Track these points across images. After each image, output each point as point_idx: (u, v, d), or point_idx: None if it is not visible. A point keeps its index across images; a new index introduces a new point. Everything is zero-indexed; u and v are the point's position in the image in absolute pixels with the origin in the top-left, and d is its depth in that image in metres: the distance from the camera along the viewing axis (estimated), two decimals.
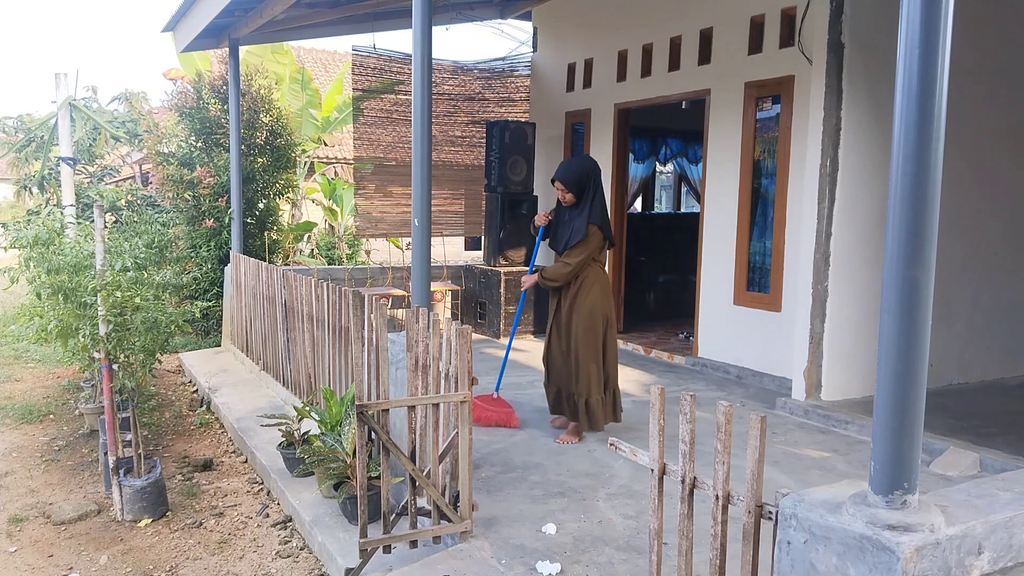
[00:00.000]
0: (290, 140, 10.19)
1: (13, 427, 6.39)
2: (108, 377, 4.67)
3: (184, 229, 9.41)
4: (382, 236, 9.31)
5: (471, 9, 8.92)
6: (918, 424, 1.86)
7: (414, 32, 4.17)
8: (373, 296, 3.94)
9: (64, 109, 7.82)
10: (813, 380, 5.39)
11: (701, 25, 6.87)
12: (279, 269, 6.37)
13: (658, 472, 2.33)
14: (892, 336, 1.84)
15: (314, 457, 4.12)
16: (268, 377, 6.79)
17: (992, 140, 5.97)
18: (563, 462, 4.40)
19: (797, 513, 1.93)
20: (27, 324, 4.88)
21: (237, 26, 7.62)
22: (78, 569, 4.05)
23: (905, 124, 1.79)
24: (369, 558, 3.26)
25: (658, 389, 2.31)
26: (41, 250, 4.69)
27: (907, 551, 1.71)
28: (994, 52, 5.84)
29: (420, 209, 4.23)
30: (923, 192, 1.79)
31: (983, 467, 4.32)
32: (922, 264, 1.80)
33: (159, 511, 4.63)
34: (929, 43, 1.75)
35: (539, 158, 8.79)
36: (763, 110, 6.35)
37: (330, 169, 15.46)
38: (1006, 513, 1.92)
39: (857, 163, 5.30)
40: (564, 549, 3.30)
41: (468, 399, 3.30)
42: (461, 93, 9.05)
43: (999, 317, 6.22)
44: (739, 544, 2.13)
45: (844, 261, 5.35)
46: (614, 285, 8.11)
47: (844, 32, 5.15)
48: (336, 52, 18.89)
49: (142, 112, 13.90)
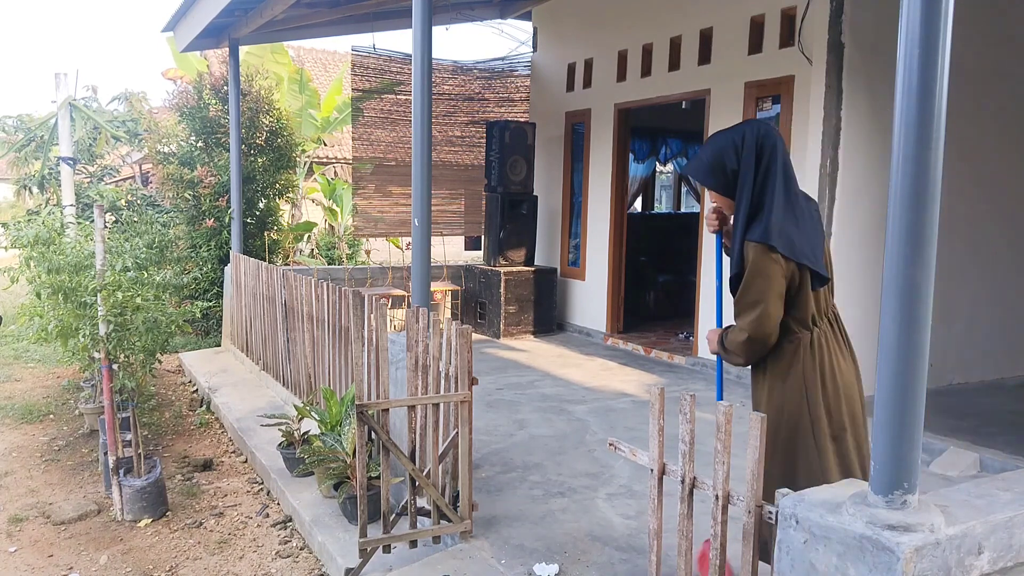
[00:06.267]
0: (290, 140, 10.20)
1: (13, 427, 6.39)
2: (108, 377, 4.67)
3: (184, 229, 9.41)
4: (381, 236, 9.31)
5: (471, 9, 8.92)
6: (918, 424, 1.85)
7: (414, 32, 4.17)
8: (373, 296, 3.94)
9: (64, 109, 7.82)
10: None
11: (701, 25, 6.87)
12: (279, 269, 6.36)
13: (658, 472, 2.33)
14: (892, 336, 1.84)
15: (314, 457, 4.12)
16: (268, 377, 6.78)
17: (990, 141, 5.96)
18: (563, 462, 4.40)
19: (797, 513, 1.93)
20: (27, 324, 4.88)
21: (237, 26, 7.62)
22: (78, 569, 4.05)
23: (905, 124, 1.79)
24: (369, 558, 3.26)
25: (658, 389, 2.31)
26: (41, 250, 4.69)
27: (907, 551, 1.71)
28: (992, 53, 5.84)
29: (420, 209, 4.23)
30: (923, 192, 1.78)
31: (983, 467, 4.32)
32: (922, 264, 1.80)
33: (159, 511, 4.63)
34: (929, 43, 1.75)
35: (539, 158, 8.79)
36: (763, 110, 6.35)
37: (330, 169, 15.46)
38: (1006, 513, 1.92)
39: (857, 163, 5.30)
40: (564, 549, 3.30)
41: (468, 399, 3.30)
42: (461, 93, 9.05)
43: (999, 317, 6.22)
44: (739, 544, 2.13)
45: (844, 261, 5.35)
46: (613, 285, 8.12)
47: (844, 32, 5.15)
48: (336, 52, 18.89)
49: (142, 112, 13.90)
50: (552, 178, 9.02)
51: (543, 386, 6.17)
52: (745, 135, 2.46)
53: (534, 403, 5.63)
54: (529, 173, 8.39)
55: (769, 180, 2.43)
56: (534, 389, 6.04)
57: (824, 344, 2.49)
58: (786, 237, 2.39)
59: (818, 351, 2.48)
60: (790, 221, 2.41)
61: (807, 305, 2.47)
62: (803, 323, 2.49)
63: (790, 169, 2.48)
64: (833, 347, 2.51)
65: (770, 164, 2.44)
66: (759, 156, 2.44)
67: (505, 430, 4.99)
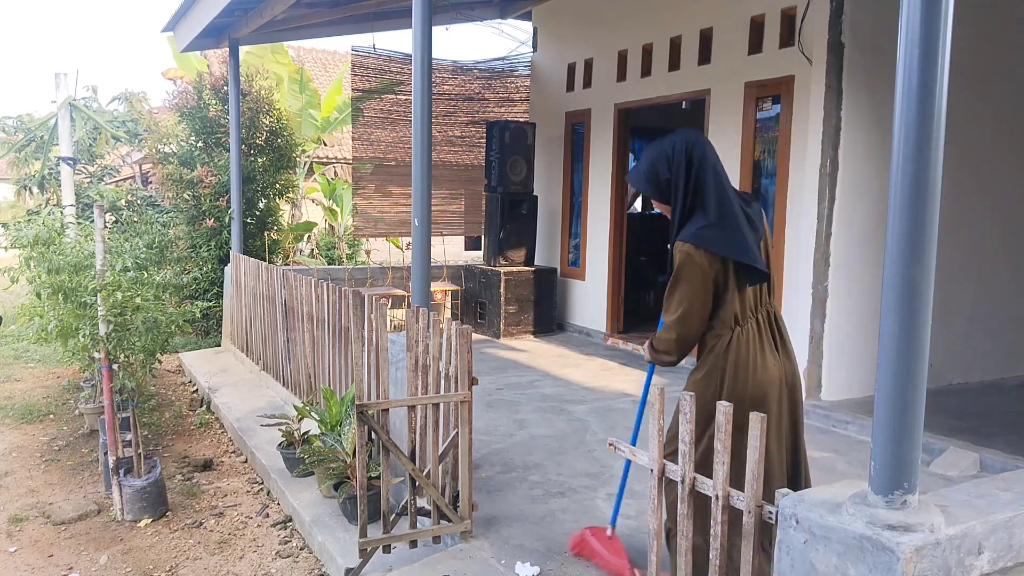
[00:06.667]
0: (290, 140, 10.20)
1: (13, 427, 6.39)
2: (108, 377, 4.67)
3: (184, 229, 9.41)
4: (381, 236, 9.31)
5: (471, 9, 8.92)
6: (918, 424, 1.85)
7: (414, 32, 4.17)
8: (373, 296, 3.94)
9: (64, 109, 7.82)
10: (813, 380, 5.39)
11: (701, 25, 6.87)
12: (279, 269, 6.37)
13: (657, 472, 2.33)
14: (892, 336, 1.84)
15: (314, 457, 4.12)
16: (268, 377, 6.78)
17: (990, 141, 5.96)
18: (563, 462, 4.40)
19: (797, 513, 1.93)
20: (27, 324, 4.88)
21: (237, 26, 7.62)
22: (78, 569, 4.05)
23: (905, 124, 1.79)
24: (369, 558, 3.26)
25: (658, 389, 2.31)
26: (41, 250, 4.69)
27: (907, 551, 1.71)
28: (992, 55, 5.84)
29: (420, 209, 4.23)
30: (923, 192, 1.78)
31: (983, 467, 4.32)
32: (922, 264, 1.80)
33: (159, 511, 4.63)
34: (929, 43, 1.75)
35: (539, 158, 8.79)
36: (763, 110, 6.35)
37: (330, 169, 15.47)
38: (1006, 513, 1.92)
39: (857, 163, 5.30)
40: (564, 549, 3.30)
41: (468, 399, 3.30)
42: (461, 93, 9.05)
43: (999, 317, 6.22)
44: None
45: (844, 261, 5.35)
46: (613, 285, 8.12)
47: (844, 32, 5.15)
48: (336, 52, 18.89)
49: (142, 112, 13.90)
50: (552, 178, 9.02)
51: (543, 386, 6.17)
52: (676, 145, 2.63)
53: (534, 403, 5.63)
54: (529, 173, 8.39)
55: (700, 186, 2.59)
56: (534, 389, 6.04)
57: (744, 343, 2.58)
58: (714, 237, 2.51)
59: (735, 350, 2.57)
60: (720, 222, 2.54)
61: (731, 304, 2.58)
62: (726, 322, 2.59)
63: (721, 173, 2.62)
64: (754, 346, 2.59)
65: (700, 171, 2.59)
66: (689, 164, 2.60)
67: (505, 430, 4.99)
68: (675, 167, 2.61)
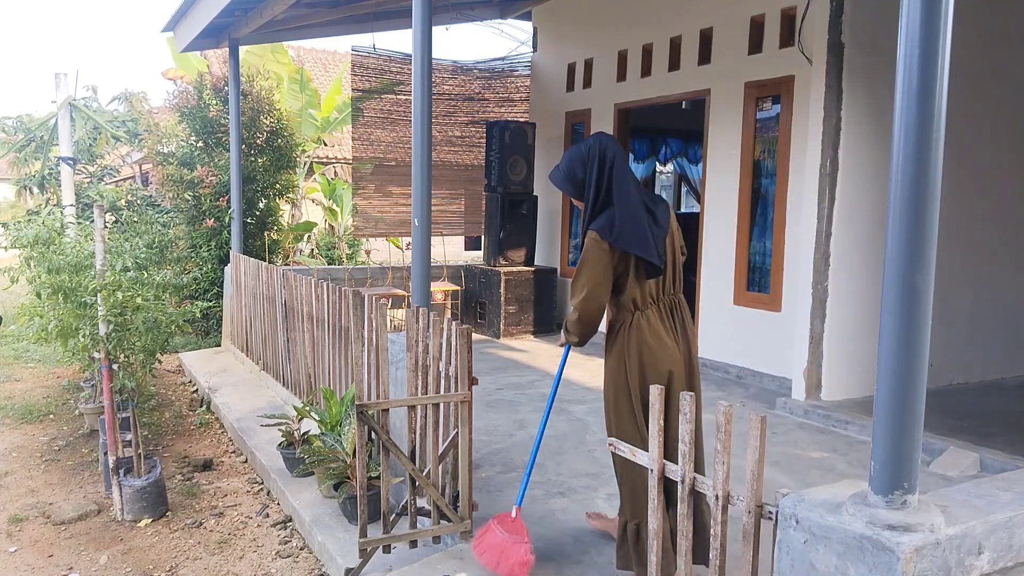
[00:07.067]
0: (290, 140, 10.20)
1: (13, 427, 6.39)
2: (108, 377, 4.67)
3: (184, 229, 9.41)
4: (381, 236, 9.31)
5: (471, 9, 8.92)
6: (918, 424, 1.85)
7: (414, 32, 4.17)
8: (373, 296, 3.94)
9: (64, 109, 7.82)
10: (813, 380, 5.39)
11: (701, 25, 6.87)
12: (279, 269, 6.37)
13: (657, 472, 2.33)
14: (892, 336, 1.84)
15: (314, 457, 4.12)
16: (268, 377, 6.79)
17: (990, 141, 5.97)
18: (563, 462, 4.40)
19: (797, 513, 1.93)
20: (27, 324, 4.87)
21: (237, 26, 7.62)
22: (78, 569, 4.05)
23: (905, 124, 1.79)
24: (369, 558, 3.26)
25: (658, 389, 2.31)
26: (41, 250, 4.69)
27: (907, 551, 1.71)
28: (991, 55, 5.84)
29: (420, 209, 4.23)
30: (923, 192, 1.78)
31: (983, 467, 4.32)
32: (922, 264, 1.80)
33: (159, 511, 4.63)
34: (929, 43, 1.75)
35: (539, 158, 8.79)
36: (763, 110, 6.35)
37: (330, 169, 15.47)
38: (1006, 513, 1.92)
39: (857, 163, 5.30)
40: (564, 549, 3.30)
41: (468, 399, 3.30)
42: (461, 93, 9.05)
43: (999, 317, 6.22)
44: (739, 544, 2.13)
45: (844, 261, 5.35)
46: None
47: (844, 32, 5.15)
48: (336, 52, 18.89)
49: (142, 112, 13.90)
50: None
51: (543, 386, 6.17)
52: (591, 149, 2.93)
53: (534, 403, 5.62)
54: (529, 173, 8.39)
55: (611, 184, 2.88)
56: (534, 389, 6.04)
57: (644, 326, 2.88)
58: (617, 230, 2.81)
59: (636, 331, 2.88)
60: (625, 218, 2.83)
61: (631, 290, 2.89)
62: (626, 307, 2.92)
63: (628, 174, 2.92)
64: (655, 329, 2.89)
65: (610, 171, 2.89)
66: (601, 165, 2.89)
67: (505, 430, 4.99)
68: (589, 168, 2.90)
